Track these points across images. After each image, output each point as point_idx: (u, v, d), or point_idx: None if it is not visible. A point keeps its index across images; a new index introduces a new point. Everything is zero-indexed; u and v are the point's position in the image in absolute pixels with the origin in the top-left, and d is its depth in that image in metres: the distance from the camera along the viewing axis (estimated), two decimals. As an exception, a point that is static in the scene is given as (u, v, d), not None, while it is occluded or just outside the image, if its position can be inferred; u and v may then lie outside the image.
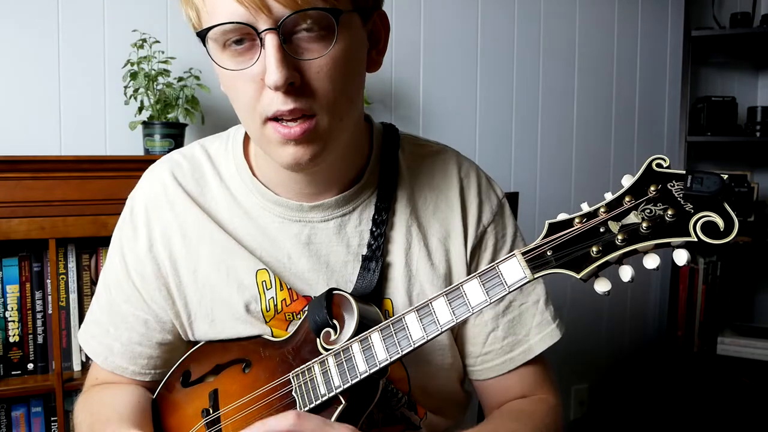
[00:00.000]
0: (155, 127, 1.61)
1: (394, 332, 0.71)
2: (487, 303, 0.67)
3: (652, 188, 0.62)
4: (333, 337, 0.75)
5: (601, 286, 0.64)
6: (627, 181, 0.63)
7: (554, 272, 0.65)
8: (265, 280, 0.84)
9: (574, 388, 2.51)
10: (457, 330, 0.90)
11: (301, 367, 0.76)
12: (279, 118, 0.71)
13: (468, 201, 0.89)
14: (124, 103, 1.67)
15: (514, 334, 0.89)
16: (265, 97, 0.70)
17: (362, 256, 0.84)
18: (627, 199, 0.62)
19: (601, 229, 0.63)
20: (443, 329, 0.69)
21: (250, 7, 0.65)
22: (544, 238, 0.65)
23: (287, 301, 0.83)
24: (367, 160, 0.88)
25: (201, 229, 0.86)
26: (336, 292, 0.77)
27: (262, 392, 0.78)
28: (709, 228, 0.58)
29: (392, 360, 0.70)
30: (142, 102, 1.65)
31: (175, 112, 1.65)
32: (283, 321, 0.84)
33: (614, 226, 0.62)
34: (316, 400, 0.73)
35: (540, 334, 0.89)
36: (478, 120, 2.26)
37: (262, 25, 0.67)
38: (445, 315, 0.69)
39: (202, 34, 0.71)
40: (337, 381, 0.72)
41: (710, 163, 2.61)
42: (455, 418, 0.94)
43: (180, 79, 1.67)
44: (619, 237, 0.61)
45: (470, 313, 0.68)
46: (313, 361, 0.75)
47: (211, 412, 0.81)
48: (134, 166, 1.45)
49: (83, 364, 1.56)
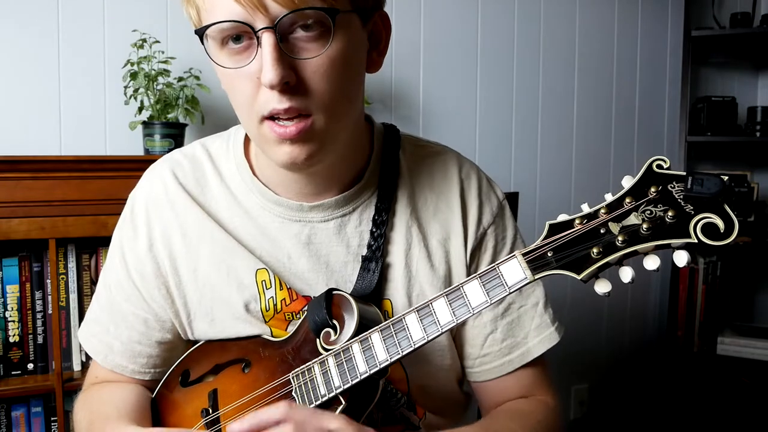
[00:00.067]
0: (155, 127, 1.61)
1: (394, 332, 0.71)
2: (488, 304, 0.67)
3: (653, 189, 0.62)
4: (333, 338, 0.75)
5: (602, 287, 0.64)
6: (627, 182, 0.63)
7: (555, 273, 0.65)
8: (264, 280, 0.84)
9: (574, 388, 2.51)
10: (456, 331, 0.90)
11: (301, 368, 0.76)
12: (275, 117, 0.71)
13: (468, 202, 0.89)
14: (124, 103, 1.67)
15: (513, 337, 0.89)
16: (261, 96, 0.70)
17: (362, 256, 0.84)
18: (627, 200, 0.62)
19: (602, 230, 0.63)
20: (443, 330, 0.69)
21: (247, 5, 0.66)
22: (545, 239, 0.65)
23: (287, 301, 0.83)
24: (368, 160, 0.88)
25: (201, 228, 0.86)
26: (336, 292, 0.77)
27: (262, 392, 0.78)
28: (710, 229, 0.58)
29: (392, 360, 0.70)
30: (142, 102, 1.65)
31: (175, 112, 1.65)
32: (283, 321, 0.84)
33: (615, 228, 0.62)
34: (316, 401, 0.73)
35: (539, 336, 0.89)
36: (478, 120, 2.26)
37: (259, 23, 0.67)
38: (445, 315, 0.69)
39: (200, 32, 0.71)
40: (337, 381, 0.72)
41: (710, 163, 2.61)
42: (454, 419, 0.94)
43: (180, 79, 1.67)
44: (620, 238, 0.61)
45: (471, 314, 0.68)
46: (313, 361, 0.75)
47: (211, 412, 0.81)
48: (134, 166, 1.45)
49: (83, 364, 1.56)
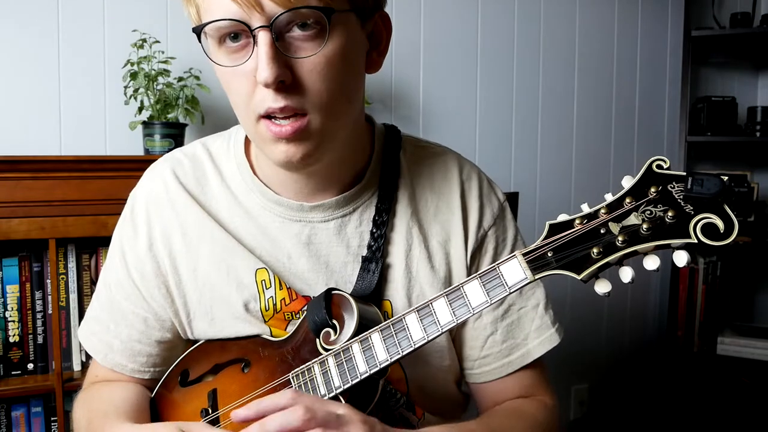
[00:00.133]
0: (155, 127, 1.61)
1: (394, 332, 0.71)
2: (488, 304, 0.67)
3: (653, 189, 0.62)
4: (333, 338, 0.75)
5: (602, 287, 0.64)
6: (627, 183, 0.63)
7: (555, 273, 0.65)
8: (264, 280, 0.84)
9: (574, 388, 2.51)
10: (456, 333, 0.90)
11: (301, 368, 0.76)
12: (271, 116, 0.71)
13: (469, 204, 0.89)
14: (124, 103, 1.67)
15: (513, 338, 0.89)
16: (258, 95, 0.70)
17: (362, 257, 0.84)
18: (627, 201, 0.62)
19: (602, 231, 0.63)
20: (444, 330, 0.69)
21: (244, 4, 0.66)
22: (545, 239, 0.65)
23: (286, 301, 0.83)
24: (368, 160, 0.87)
25: (201, 227, 0.86)
26: (335, 292, 0.77)
27: (262, 392, 0.78)
28: (709, 229, 0.58)
29: (393, 360, 0.70)
30: (142, 102, 1.65)
31: (175, 112, 1.65)
32: (282, 320, 0.84)
33: (615, 228, 0.62)
34: (316, 401, 0.73)
35: (539, 338, 0.89)
36: (478, 120, 2.26)
37: (255, 22, 0.67)
38: (445, 315, 0.69)
39: (198, 30, 0.71)
40: (337, 381, 0.72)
41: (710, 163, 2.61)
42: (453, 419, 0.94)
43: (180, 79, 1.67)
44: (620, 238, 0.61)
45: (471, 314, 0.68)
46: (313, 361, 0.75)
47: (210, 412, 0.81)
48: (134, 166, 1.45)
49: (83, 364, 1.55)
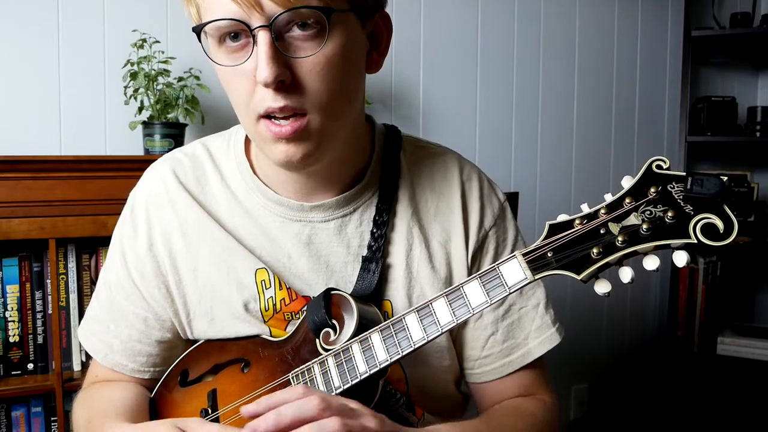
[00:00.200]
0: (155, 127, 1.61)
1: (394, 333, 0.71)
2: (488, 304, 0.67)
3: (653, 190, 0.62)
4: (332, 338, 0.75)
5: (602, 288, 0.64)
6: (627, 183, 0.63)
7: (555, 273, 0.65)
8: (264, 280, 0.84)
9: (574, 388, 2.51)
10: (456, 333, 0.90)
11: (301, 368, 0.76)
12: (271, 116, 0.71)
13: (470, 205, 0.89)
14: (124, 103, 1.67)
15: (514, 338, 0.89)
16: (257, 94, 0.70)
17: (362, 257, 0.84)
18: (627, 201, 0.62)
19: (602, 231, 0.63)
20: (444, 330, 0.69)
21: (243, 4, 0.66)
22: (545, 239, 0.65)
23: (286, 301, 0.83)
24: (369, 160, 0.87)
25: (201, 227, 0.86)
26: (335, 293, 0.77)
27: (262, 392, 0.78)
28: (709, 230, 0.58)
29: (393, 360, 0.70)
30: (142, 102, 1.65)
31: (175, 112, 1.65)
32: (282, 321, 0.84)
33: (614, 228, 0.62)
34: (315, 401, 0.73)
35: (539, 337, 0.89)
36: (478, 120, 2.26)
37: (255, 22, 0.67)
38: (445, 316, 0.69)
39: (198, 30, 0.71)
40: (337, 381, 0.72)
41: (710, 163, 2.61)
42: (453, 419, 0.94)
43: (180, 79, 1.67)
44: (620, 238, 0.61)
45: (471, 314, 0.68)
46: (313, 361, 0.75)
47: (210, 412, 0.81)
48: (134, 166, 1.45)
49: (83, 364, 1.55)
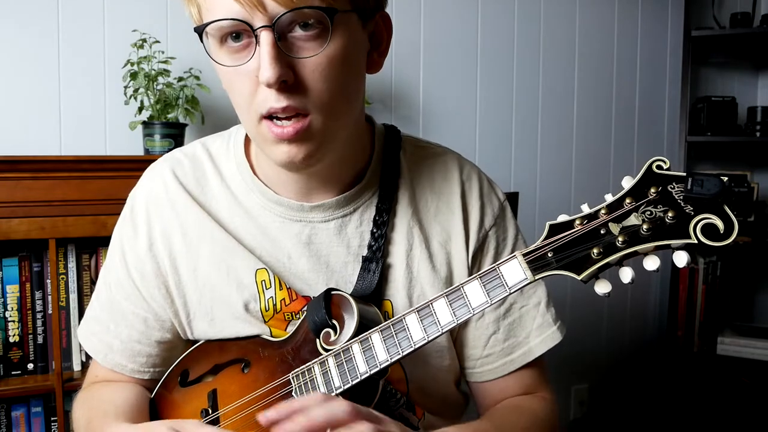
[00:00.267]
0: (155, 127, 1.61)
1: (394, 333, 0.71)
2: (488, 304, 0.67)
3: (653, 190, 0.62)
4: (333, 338, 0.75)
5: (602, 288, 0.64)
6: (627, 183, 0.63)
7: (555, 273, 0.65)
8: (264, 280, 0.84)
9: (574, 388, 2.51)
10: (457, 333, 0.90)
11: (301, 368, 0.76)
12: (273, 117, 0.71)
13: (470, 204, 0.89)
14: (124, 103, 1.67)
15: (515, 336, 0.89)
16: (260, 95, 0.70)
17: (362, 256, 0.84)
18: (627, 201, 0.62)
19: (602, 231, 0.63)
20: (444, 330, 0.69)
21: (246, 4, 0.66)
22: (545, 239, 0.65)
23: (286, 301, 0.83)
24: (369, 160, 0.87)
25: (201, 228, 0.86)
26: (335, 293, 0.77)
27: (262, 392, 0.78)
28: (709, 230, 0.58)
29: (393, 360, 0.70)
30: (142, 102, 1.65)
31: (175, 112, 1.65)
32: (282, 321, 0.84)
33: (615, 228, 0.62)
34: (316, 401, 0.73)
35: (540, 336, 0.89)
36: (478, 120, 2.26)
37: (258, 22, 0.67)
38: (445, 316, 0.69)
39: (200, 30, 0.71)
40: (337, 381, 0.72)
41: (710, 164, 2.61)
42: (453, 420, 0.94)
43: (180, 79, 1.67)
44: (620, 239, 0.61)
45: (471, 314, 0.68)
46: (313, 361, 0.75)
47: (210, 412, 0.81)
48: (134, 166, 1.44)
49: (83, 364, 1.55)
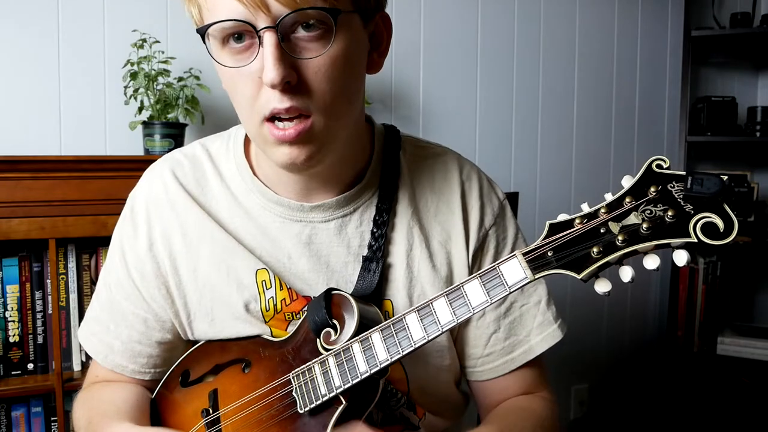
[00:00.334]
0: (155, 127, 1.61)
1: (394, 332, 0.71)
2: (488, 303, 0.67)
3: (653, 189, 0.61)
4: (333, 337, 0.75)
5: (602, 287, 0.64)
6: (627, 182, 0.63)
7: (555, 272, 0.64)
8: (264, 280, 0.84)
9: (574, 388, 2.51)
10: (458, 332, 0.90)
11: (302, 368, 0.76)
12: (275, 118, 0.71)
13: (470, 204, 0.89)
14: (124, 103, 1.67)
15: (515, 335, 0.89)
16: (262, 96, 0.70)
17: (363, 256, 0.84)
18: (627, 200, 0.62)
19: (602, 230, 0.63)
20: (444, 329, 0.69)
21: (249, 5, 0.66)
22: (545, 238, 0.65)
23: (287, 301, 0.83)
24: (369, 160, 0.88)
25: (201, 228, 0.86)
26: (335, 292, 0.77)
27: (262, 392, 0.78)
28: (709, 229, 0.58)
29: (393, 360, 0.70)
30: (142, 102, 1.65)
31: (175, 112, 1.65)
32: (283, 321, 0.84)
33: (615, 227, 0.62)
34: (316, 401, 0.73)
35: (541, 334, 0.89)
36: (478, 120, 2.26)
37: (261, 23, 0.67)
38: (445, 315, 0.69)
39: (202, 31, 0.71)
40: (337, 381, 0.72)
41: (710, 163, 2.61)
42: (453, 419, 0.95)
43: (180, 79, 1.67)
44: (620, 238, 0.61)
45: (471, 314, 0.68)
46: (314, 361, 0.75)
47: (211, 412, 0.81)
48: (134, 166, 1.45)
49: (83, 364, 1.56)
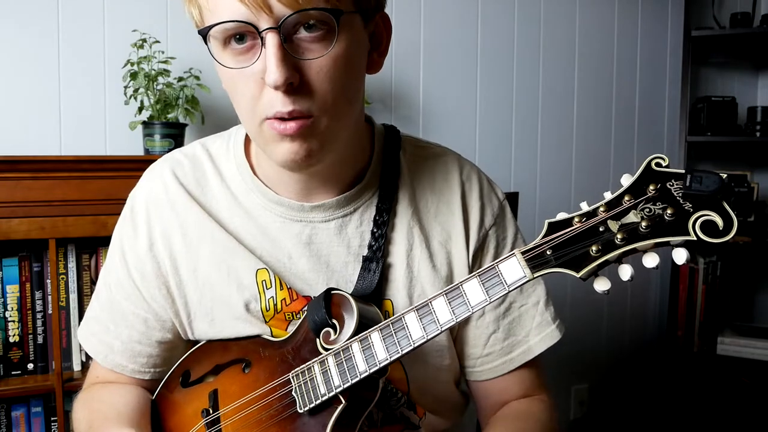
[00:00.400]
0: (155, 127, 1.61)
1: (393, 332, 0.71)
2: (487, 302, 0.67)
3: (652, 187, 0.61)
4: (333, 337, 0.75)
5: (601, 285, 0.64)
6: (626, 181, 0.63)
7: (554, 271, 0.64)
8: (265, 280, 0.84)
9: (574, 388, 2.51)
10: (457, 332, 0.90)
11: (301, 367, 0.76)
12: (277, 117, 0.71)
13: (470, 204, 0.89)
14: (124, 103, 1.67)
15: (514, 335, 0.89)
16: (265, 97, 0.70)
17: (363, 256, 0.84)
18: (626, 199, 0.62)
19: (601, 228, 0.62)
20: (443, 329, 0.69)
21: (252, 6, 0.66)
22: (544, 237, 0.65)
23: (287, 301, 0.83)
24: (369, 160, 0.88)
25: (201, 228, 0.86)
26: (335, 292, 0.77)
27: (262, 392, 0.78)
28: (709, 227, 0.58)
29: (392, 359, 0.70)
30: (142, 102, 1.65)
31: (175, 112, 1.65)
32: (283, 321, 0.84)
33: (614, 225, 0.62)
34: (316, 400, 0.73)
35: (540, 334, 0.89)
36: (478, 120, 2.26)
37: (263, 24, 0.67)
38: (444, 314, 0.69)
39: (204, 32, 0.71)
40: (337, 381, 0.72)
41: (710, 163, 2.61)
42: (453, 419, 0.95)
43: (180, 79, 1.67)
44: (619, 236, 0.61)
45: (470, 312, 0.67)
46: (313, 360, 0.75)
47: (211, 412, 0.81)
48: (134, 166, 1.45)
49: (83, 364, 1.56)
